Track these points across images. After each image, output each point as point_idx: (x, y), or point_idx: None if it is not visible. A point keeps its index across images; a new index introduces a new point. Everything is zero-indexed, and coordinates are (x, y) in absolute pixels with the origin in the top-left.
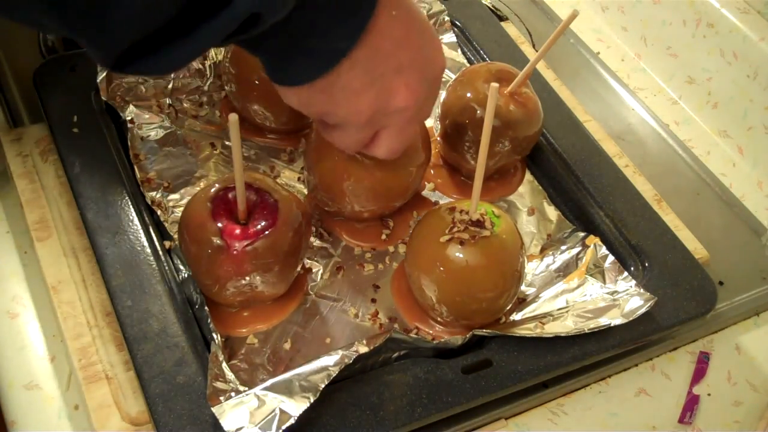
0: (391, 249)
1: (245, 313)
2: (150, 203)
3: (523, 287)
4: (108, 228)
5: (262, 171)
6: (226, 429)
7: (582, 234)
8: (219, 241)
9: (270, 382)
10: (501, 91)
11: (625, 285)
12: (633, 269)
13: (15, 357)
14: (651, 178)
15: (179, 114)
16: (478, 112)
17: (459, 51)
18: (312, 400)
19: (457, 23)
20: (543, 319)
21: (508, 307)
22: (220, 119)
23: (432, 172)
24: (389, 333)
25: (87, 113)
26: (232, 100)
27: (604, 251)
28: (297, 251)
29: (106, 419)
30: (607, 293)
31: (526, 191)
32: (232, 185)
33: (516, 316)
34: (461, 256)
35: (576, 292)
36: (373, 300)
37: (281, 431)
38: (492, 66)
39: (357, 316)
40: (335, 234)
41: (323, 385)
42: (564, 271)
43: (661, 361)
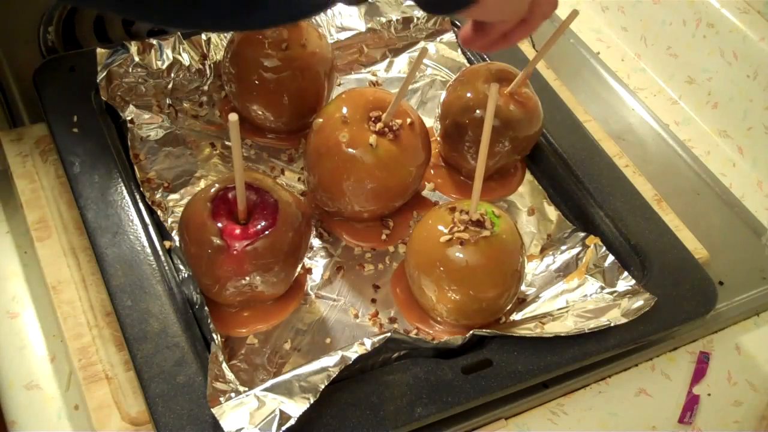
0: (391, 249)
1: (245, 313)
2: (150, 203)
3: (523, 287)
4: (108, 228)
5: (262, 171)
6: (226, 430)
7: (582, 234)
8: (219, 241)
9: (270, 382)
10: (501, 91)
11: (625, 285)
12: (633, 269)
13: (15, 357)
14: (651, 178)
15: (179, 114)
16: (478, 112)
17: (459, 51)
18: (312, 400)
19: (457, 23)
20: (543, 319)
21: (508, 307)
22: (220, 119)
23: (432, 172)
24: (389, 333)
25: (87, 113)
26: (232, 100)
27: (604, 251)
28: (297, 251)
29: (106, 419)
30: (607, 293)
31: (526, 191)
32: (232, 185)
33: (516, 316)
34: (461, 256)
35: (576, 292)
36: (373, 300)
37: None
38: (492, 66)
39: (357, 316)
40: (335, 234)
41: (323, 386)
42: (564, 271)
43: (661, 361)
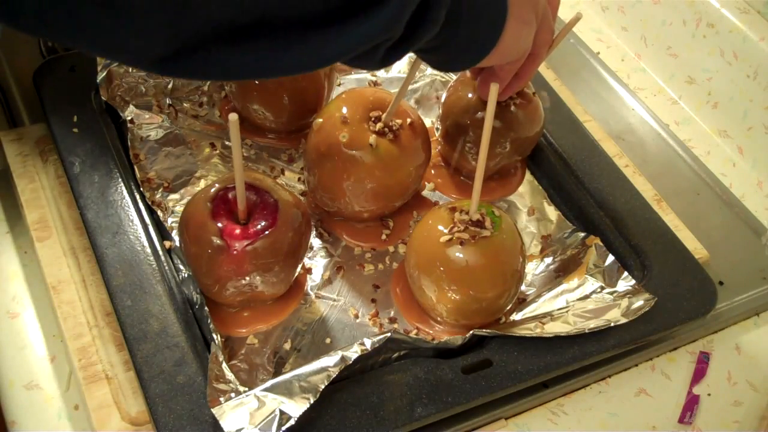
0: (391, 249)
1: (245, 313)
2: (150, 203)
3: (523, 287)
4: (108, 228)
5: (262, 171)
6: (226, 430)
7: (582, 234)
8: (219, 241)
9: (270, 383)
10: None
11: (625, 285)
12: (633, 269)
13: (15, 357)
14: (651, 178)
15: (179, 114)
16: (478, 112)
17: None
18: (312, 400)
19: None
20: (543, 319)
21: (508, 307)
22: (220, 119)
23: (432, 172)
24: (389, 333)
25: (87, 113)
26: (232, 100)
27: (604, 251)
28: (297, 251)
29: (106, 419)
30: (607, 293)
31: (526, 191)
32: (232, 185)
33: (516, 316)
34: (461, 256)
35: (576, 292)
36: (373, 300)
37: None
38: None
39: (357, 316)
40: (335, 234)
41: (323, 386)
42: (564, 271)
43: (661, 361)
